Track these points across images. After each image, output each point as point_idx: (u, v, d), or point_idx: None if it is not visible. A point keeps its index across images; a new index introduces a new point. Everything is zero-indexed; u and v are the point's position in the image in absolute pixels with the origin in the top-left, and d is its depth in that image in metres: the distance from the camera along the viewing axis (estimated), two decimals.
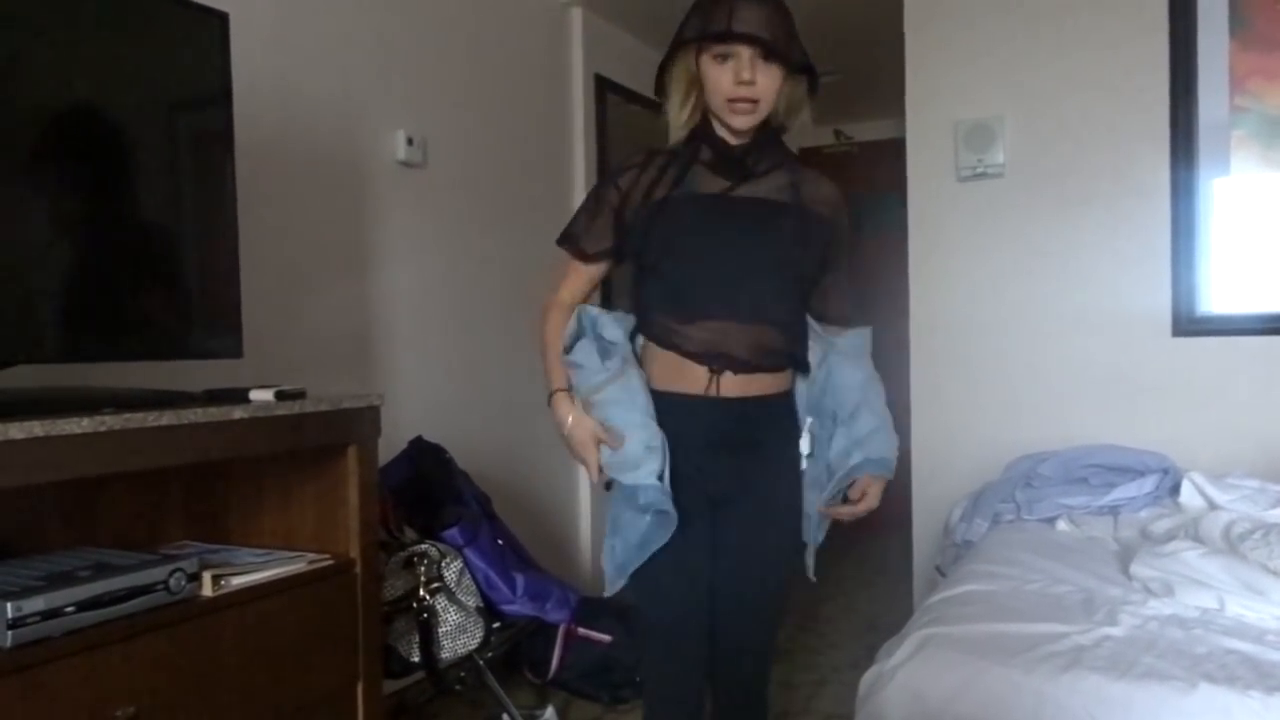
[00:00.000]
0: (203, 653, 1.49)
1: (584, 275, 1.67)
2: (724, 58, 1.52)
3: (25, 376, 1.54)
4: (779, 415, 1.67)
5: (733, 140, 1.60)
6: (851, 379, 1.68)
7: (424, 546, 2.20)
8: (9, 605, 1.24)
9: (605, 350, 1.59)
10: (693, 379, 1.59)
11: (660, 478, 1.51)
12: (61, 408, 1.35)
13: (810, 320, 1.70)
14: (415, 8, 2.94)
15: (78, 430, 1.31)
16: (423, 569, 2.17)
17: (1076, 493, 2.63)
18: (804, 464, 1.69)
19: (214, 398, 1.61)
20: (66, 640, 1.30)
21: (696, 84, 1.57)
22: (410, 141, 2.87)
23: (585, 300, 1.69)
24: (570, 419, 1.58)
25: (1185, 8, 2.89)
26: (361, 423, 1.79)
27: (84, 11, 1.58)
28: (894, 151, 3.63)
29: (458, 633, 2.20)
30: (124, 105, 1.65)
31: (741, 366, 1.59)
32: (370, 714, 1.78)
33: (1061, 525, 2.53)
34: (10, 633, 1.24)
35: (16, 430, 1.23)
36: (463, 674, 2.36)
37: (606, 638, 2.87)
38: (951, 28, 3.25)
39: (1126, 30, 3.00)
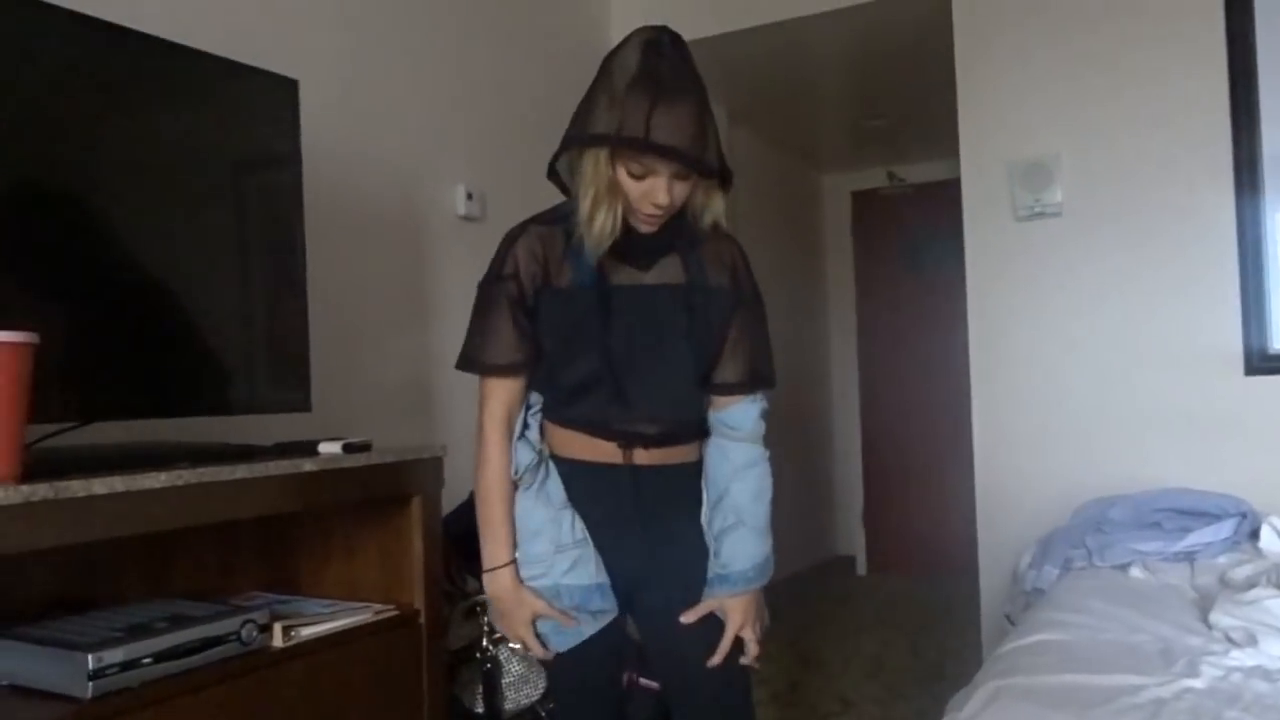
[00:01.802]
0: (271, 703, 1.52)
1: (512, 386, 1.55)
2: (639, 176, 1.40)
3: (102, 433, 1.60)
4: (693, 483, 1.60)
5: (644, 231, 1.49)
6: (721, 463, 1.59)
7: (486, 596, 2.21)
8: (90, 657, 1.28)
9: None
10: (604, 451, 1.54)
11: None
12: (140, 463, 1.40)
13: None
14: (474, 68, 3.02)
15: (156, 485, 1.35)
16: (485, 619, 2.18)
17: (1150, 538, 2.56)
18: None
19: (284, 451, 1.65)
20: (143, 690, 1.33)
21: (613, 190, 1.42)
22: (470, 196, 2.94)
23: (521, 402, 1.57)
24: (514, 598, 1.52)
25: (1242, 38, 2.85)
26: (425, 473, 1.82)
27: (167, 77, 1.66)
28: (949, 192, 3.62)
29: (521, 683, 2.20)
30: (200, 166, 1.72)
31: (653, 442, 1.54)
32: None
33: (1135, 572, 2.46)
34: (90, 684, 1.27)
35: (99, 485, 1.27)
36: None
37: (653, 685, 2.84)
38: (1003, 66, 3.24)
39: (1182, 63, 2.96)
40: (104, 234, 1.58)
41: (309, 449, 1.67)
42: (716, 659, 1.55)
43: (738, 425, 1.59)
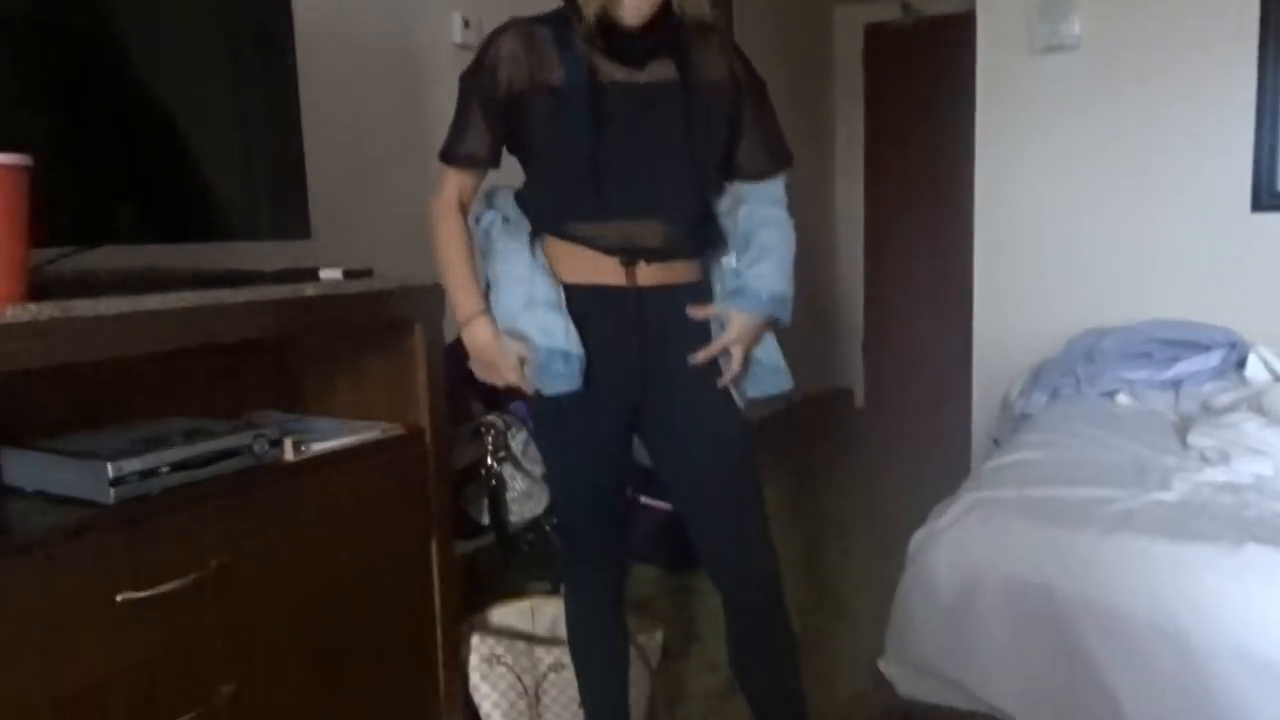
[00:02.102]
0: (287, 512, 1.60)
1: (467, 178, 1.57)
2: None
3: (106, 259, 1.63)
4: (692, 300, 1.60)
5: (630, 23, 1.45)
6: (751, 219, 1.61)
7: (491, 418, 2.29)
8: (109, 465, 1.35)
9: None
10: (606, 271, 1.53)
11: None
12: (144, 287, 1.43)
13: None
14: None
15: (160, 306, 1.38)
16: (490, 439, 2.26)
17: (1139, 367, 2.61)
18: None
19: (286, 277, 1.68)
20: (163, 498, 1.41)
21: None
22: (466, 24, 2.86)
23: (474, 195, 1.60)
24: (496, 346, 1.55)
25: None
26: (426, 300, 1.85)
27: None
28: (964, 25, 3.50)
29: (525, 499, 2.30)
30: None
31: (656, 255, 1.53)
32: (445, 570, 1.90)
33: (1122, 399, 2.53)
34: (112, 490, 1.35)
35: (105, 306, 1.31)
36: (530, 537, 2.48)
37: (667, 505, 2.97)
38: None
39: None
40: (103, 61, 1.58)
41: (310, 275, 1.70)
42: (701, 357, 1.56)
43: (764, 198, 1.63)
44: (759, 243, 1.59)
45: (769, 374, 1.64)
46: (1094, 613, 1.44)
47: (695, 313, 1.57)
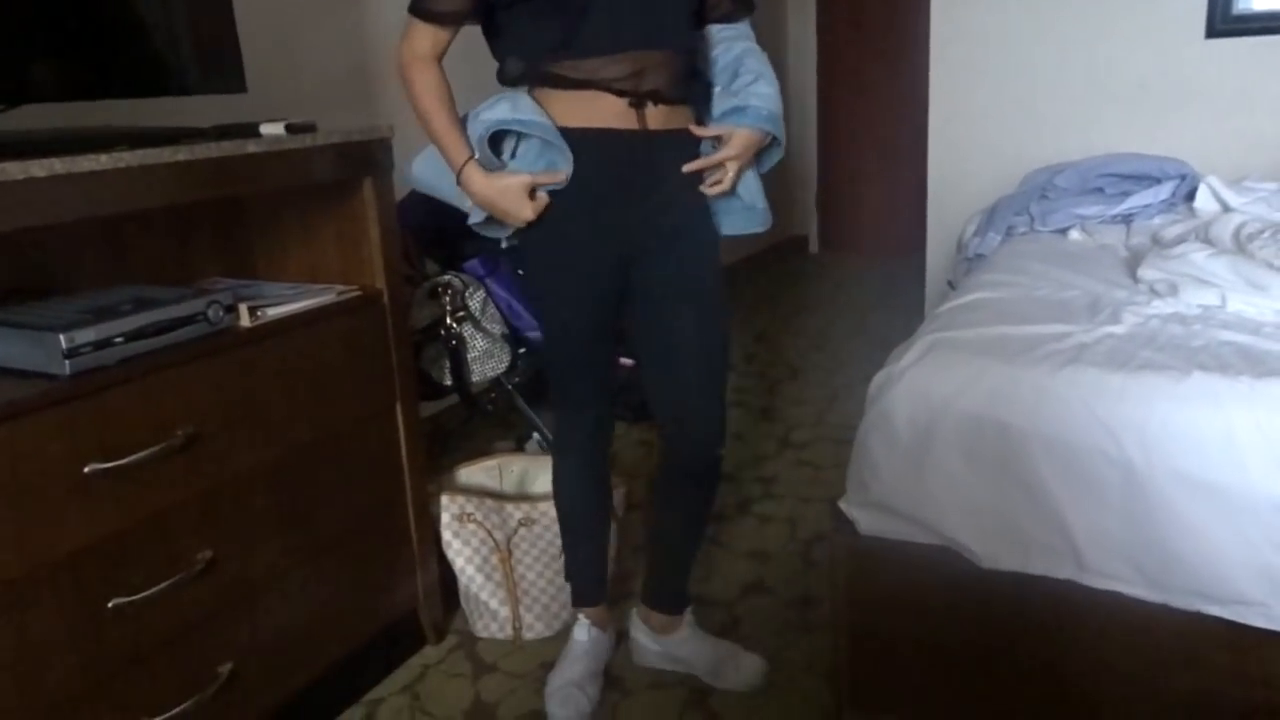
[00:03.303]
0: (248, 379, 1.58)
1: (445, 31, 1.50)
2: None
3: (31, 119, 1.54)
4: (691, 151, 1.59)
5: None
6: (730, 52, 1.61)
7: (447, 277, 2.26)
8: (62, 336, 1.31)
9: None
10: (613, 113, 1.49)
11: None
12: (77, 146, 1.35)
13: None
14: None
15: (96, 167, 1.32)
16: (447, 299, 2.24)
17: (1091, 202, 2.63)
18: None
19: (225, 133, 1.61)
20: (120, 368, 1.38)
21: None
22: None
23: (447, 48, 1.53)
24: (497, 185, 1.50)
25: None
26: (374, 155, 1.79)
27: None
28: None
29: (485, 358, 2.30)
30: None
31: (662, 97, 1.50)
32: (410, 432, 1.91)
33: (1074, 235, 2.55)
34: (67, 362, 1.32)
35: (37, 168, 1.25)
36: (493, 396, 2.49)
37: (628, 361, 2.99)
38: None
39: None
40: None
41: (251, 130, 1.63)
42: (698, 165, 1.57)
43: (738, 35, 1.63)
44: (748, 69, 1.59)
45: (753, 207, 1.66)
46: (1046, 444, 1.49)
47: (699, 131, 1.57)
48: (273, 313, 1.64)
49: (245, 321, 1.60)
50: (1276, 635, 1.37)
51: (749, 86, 1.58)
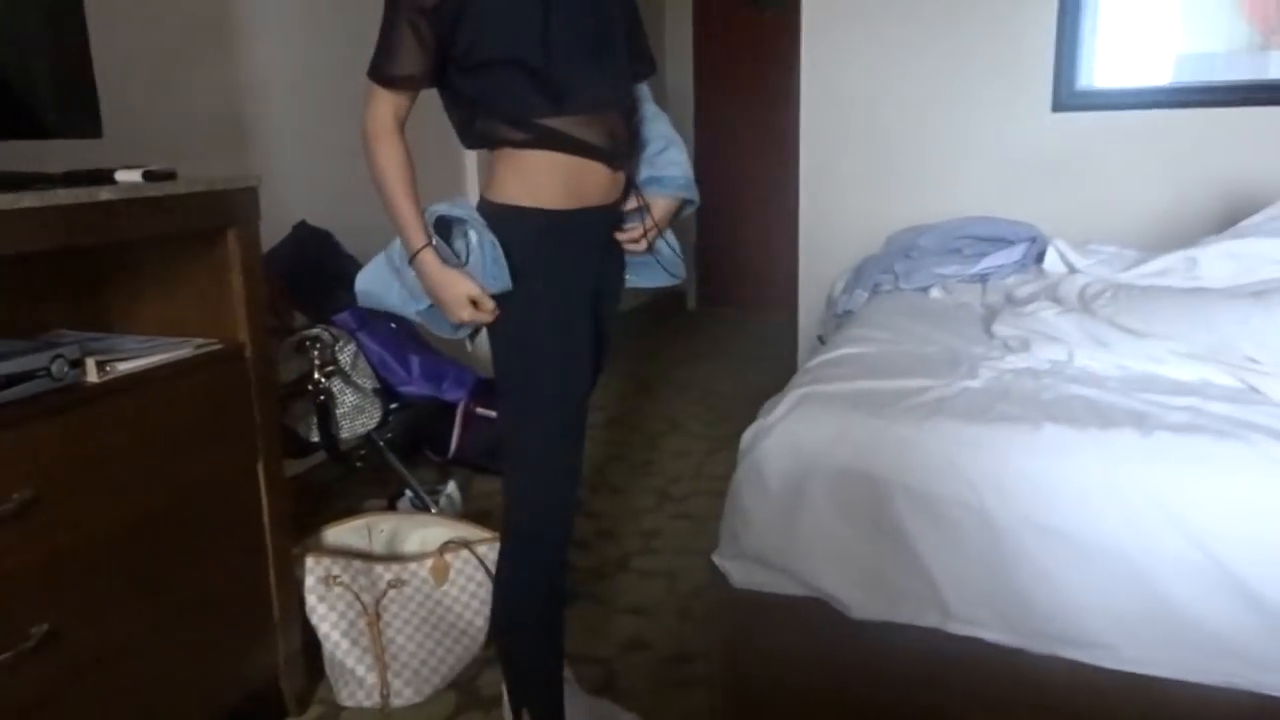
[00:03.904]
0: (96, 438, 1.49)
1: (406, 98, 1.46)
2: None
3: None
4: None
5: None
6: (641, 112, 1.64)
7: (316, 331, 2.20)
8: None
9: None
10: (599, 186, 1.50)
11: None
12: None
13: None
14: None
15: None
16: (316, 352, 2.18)
17: (950, 262, 2.76)
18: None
19: (76, 179, 1.53)
20: None
21: None
22: None
23: (408, 114, 1.48)
24: (448, 277, 1.44)
25: None
26: (239, 204, 1.73)
27: None
28: None
29: (355, 413, 2.24)
30: None
31: (625, 161, 1.54)
32: (274, 491, 1.83)
33: (935, 293, 2.67)
34: None
35: None
36: (363, 453, 2.42)
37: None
38: None
39: None
40: None
41: (105, 177, 1.56)
42: (639, 241, 1.61)
43: (643, 96, 1.66)
44: (657, 134, 1.62)
45: (671, 263, 1.69)
46: (910, 495, 1.54)
47: (629, 206, 1.60)
48: (123, 367, 1.56)
49: (93, 377, 1.51)
50: (1130, 676, 1.43)
51: (662, 154, 1.62)
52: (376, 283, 1.57)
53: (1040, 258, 2.70)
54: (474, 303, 1.45)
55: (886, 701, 1.59)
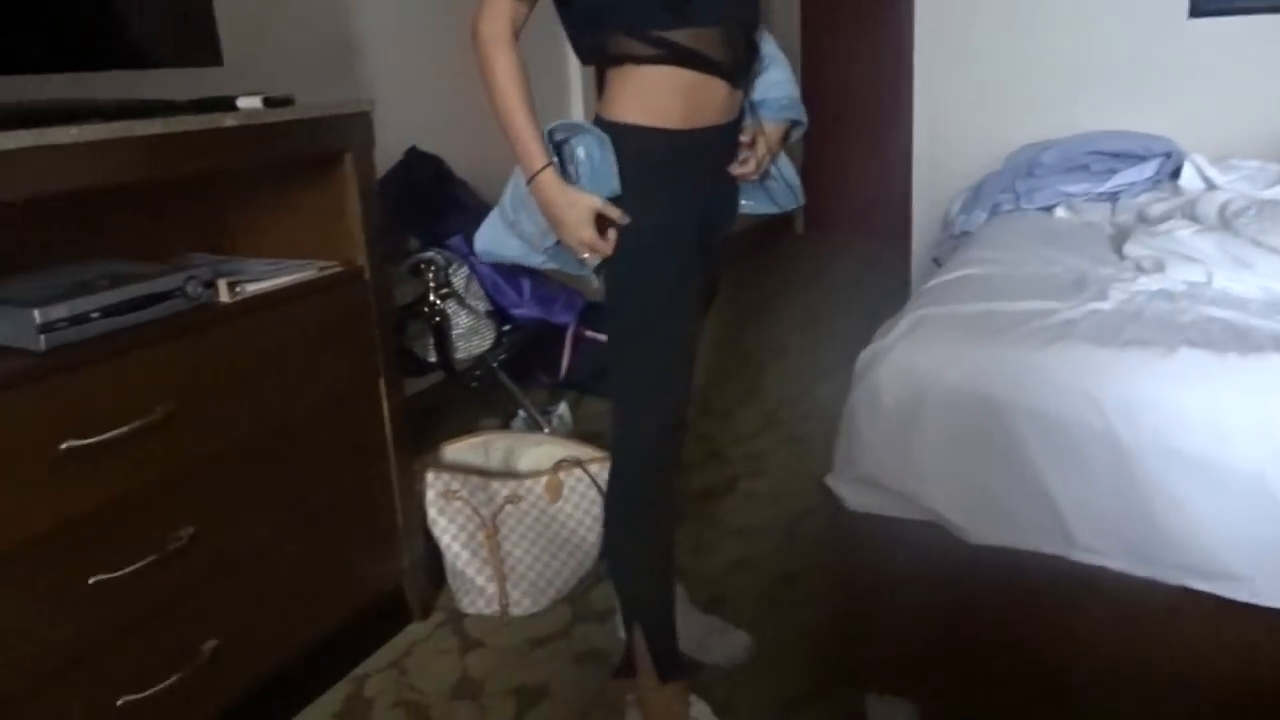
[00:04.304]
0: (229, 355, 1.56)
1: (525, 3, 1.39)
2: None
3: (2, 92, 1.51)
4: None
5: None
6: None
7: (430, 254, 2.24)
8: (36, 312, 1.29)
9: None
10: (716, 105, 1.44)
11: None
12: (50, 119, 1.33)
13: None
14: None
15: (67, 140, 1.29)
16: (431, 275, 2.22)
17: (1077, 180, 2.63)
18: None
19: (201, 106, 1.58)
20: (97, 344, 1.36)
21: None
22: None
23: (524, 24, 1.41)
24: (569, 197, 1.39)
25: None
26: (355, 129, 1.76)
27: None
28: None
29: (470, 335, 2.29)
30: None
31: (743, 77, 1.48)
32: (394, 408, 1.89)
33: (1060, 213, 2.55)
34: (42, 337, 1.29)
35: (8, 140, 1.22)
36: (478, 373, 2.48)
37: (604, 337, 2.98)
38: None
39: None
40: None
41: (227, 104, 1.60)
42: (752, 169, 1.57)
43: None
44: (761, 55, 1.54)
45: (782, 193, 1.67)
46: (1033, 421, 1.49)
47: (745, 141, 1.56)
48: (252, 288, 1.62)
49: (224, 297, 1.57)
50: (1261, 610, 1.38)
51: (764, 74, 1.55)
52: (495, 241, 1.56)
53: (1175, 174, 2.55)
54: (599, 219, 1.41)
55: (1001, 628, 1.57)
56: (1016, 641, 1.56)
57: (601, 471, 2.05)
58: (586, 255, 1.44)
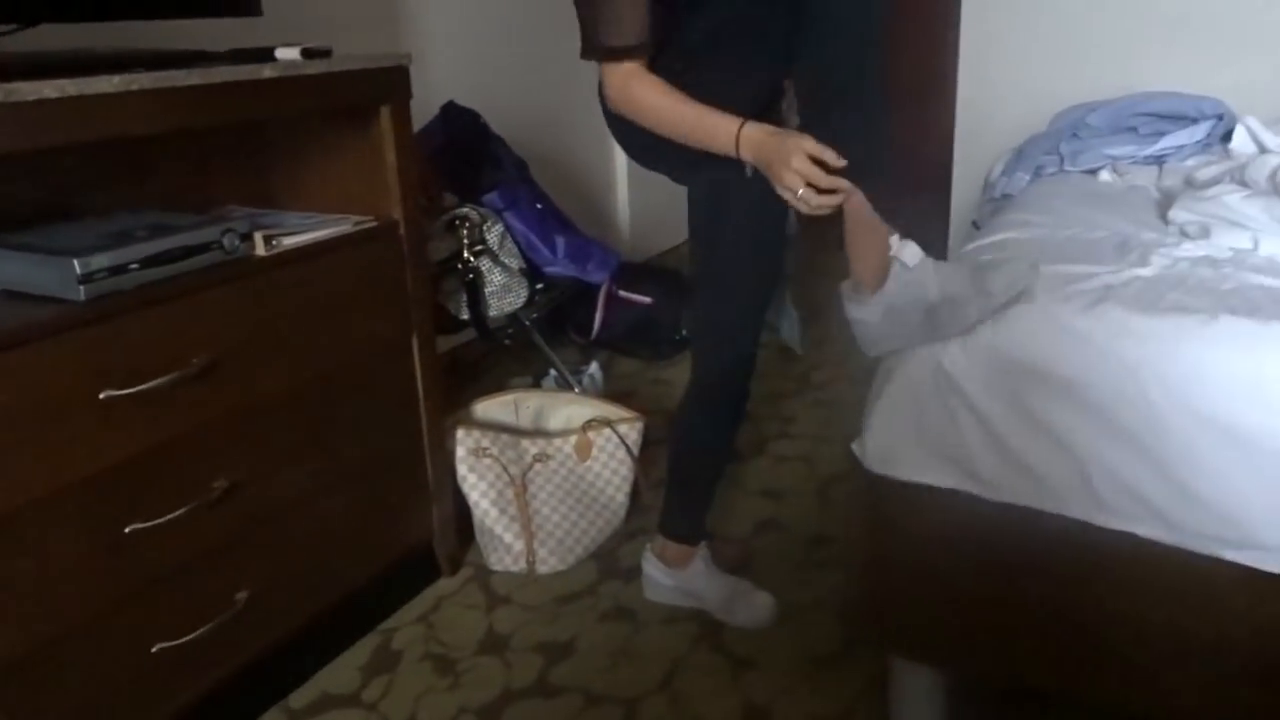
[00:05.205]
0: (265, 307, 1.58)
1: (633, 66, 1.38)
2: None
3: (44, 40, 1.52)
4: None
5: None
6: None
7: (465, 210, 2.24)
8: (76, 262, 1.30)
9: None
10: None
11: None
12: (90, 68, 1.34)
13: None
14: None
15: (109, 89, 1.30)
16: (465, 231, 2.22)
17: (1123, 142, 2.56)
18: None
19: (240, 56, 1.58)
20: (136, 294, 1.38)
21: None
22: None
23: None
24: (778, 141, 1.36)
25: None
26: (392, 82, 1.76)
27: None
28: None
29: (503, 292, 2.29)
30: None
31: None
32: (427, 364, 1.91)
33: (1104, 175, 2.49)
34: (82, 287, 1.31)
35: (49, 89, 1.23)
36: (510, 331, 2.48)
37: (647, 299, 2.97)
38: None
39: None
40: None
41: (266, 55, 1.60)
42: None
43: None
44: None
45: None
46: (1068, 385, 1.47)
47: None
48: (288, 242, 1.63)
49: (260, 250, 1.59)
50: None
51: None
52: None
53: (1227, 137, 2.47)
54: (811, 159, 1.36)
55: (1027, 593, 1.56)
56: (1042, 606, 1.55)
57: (630, 432, 2.06)
58: (801, 191, 1.39)
